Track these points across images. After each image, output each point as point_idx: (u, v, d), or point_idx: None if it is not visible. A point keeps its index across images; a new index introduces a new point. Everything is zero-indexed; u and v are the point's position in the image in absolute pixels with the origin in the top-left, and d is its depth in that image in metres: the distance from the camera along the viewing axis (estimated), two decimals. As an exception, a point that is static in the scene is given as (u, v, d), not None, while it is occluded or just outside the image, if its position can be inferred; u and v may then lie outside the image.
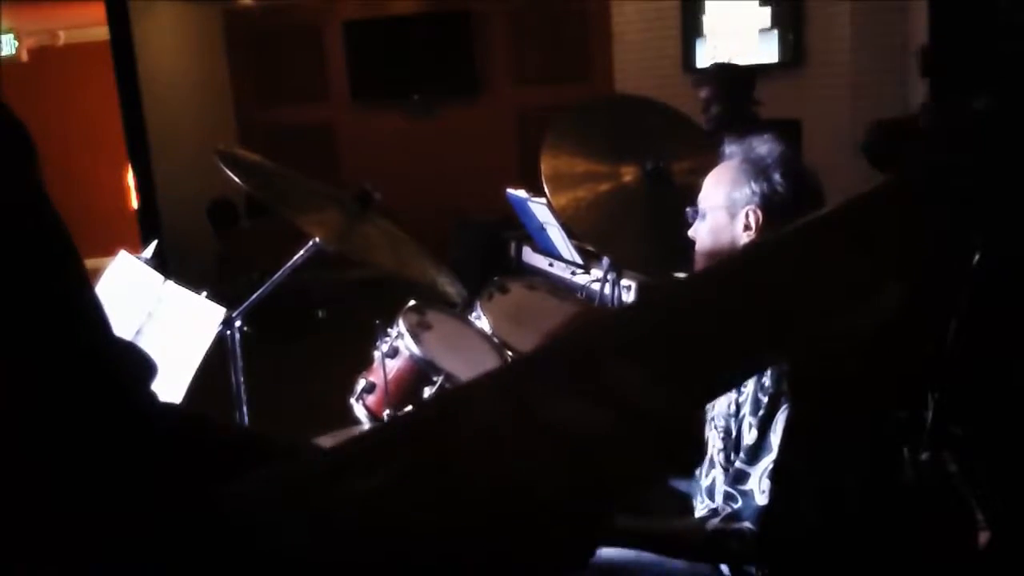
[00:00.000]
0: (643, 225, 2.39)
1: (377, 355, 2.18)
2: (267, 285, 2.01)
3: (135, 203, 6.39)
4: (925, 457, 2.35)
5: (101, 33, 6.44)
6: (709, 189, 1.71)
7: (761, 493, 1.51)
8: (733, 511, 1.55)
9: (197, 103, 6.78)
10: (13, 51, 8.36)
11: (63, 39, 8.62)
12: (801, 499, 1.52)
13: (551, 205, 2.50)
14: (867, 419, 1.67)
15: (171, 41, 6.62)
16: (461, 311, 2.49)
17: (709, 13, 5.77)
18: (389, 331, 2.23)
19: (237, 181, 1.87)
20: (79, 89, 8.44)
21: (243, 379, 2.02)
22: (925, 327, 2.53)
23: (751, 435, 1.54)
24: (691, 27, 5.85)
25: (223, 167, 1.86)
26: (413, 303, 2.36)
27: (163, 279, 2.02)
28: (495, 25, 6.67)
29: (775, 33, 5.56)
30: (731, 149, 1.70)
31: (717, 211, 1.67)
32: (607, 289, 2.75)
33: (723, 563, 1.66)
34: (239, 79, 7.17)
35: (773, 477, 1.50)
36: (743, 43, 5.69)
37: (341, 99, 6.99)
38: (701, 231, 1.71)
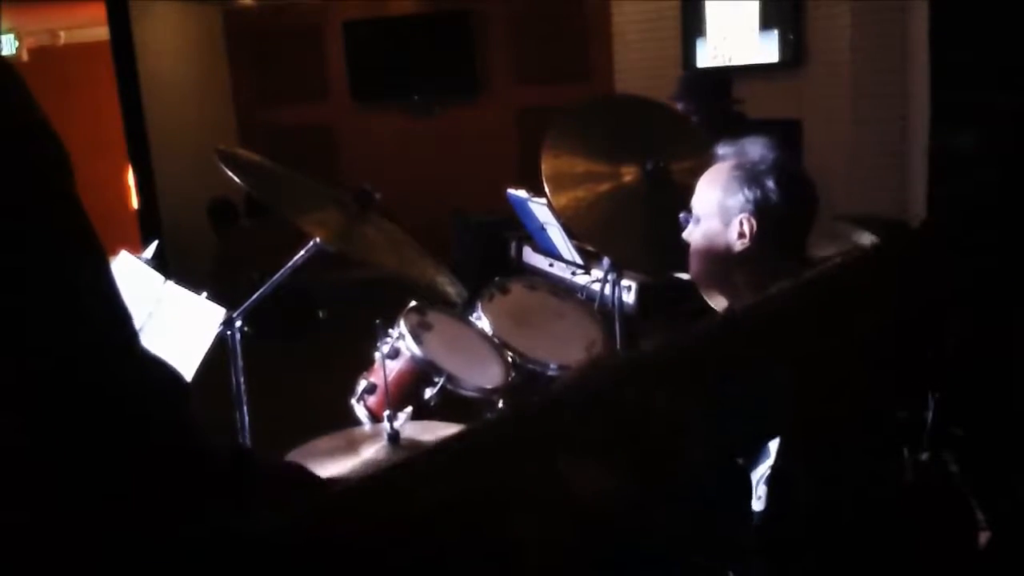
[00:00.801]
0: (643, 225, 2.39)
1: (378, 356, 2.18)
2: (267, 285, 2.01)
3: (135, 203, 6.39)
4: (925, 457, 2.35)
5: (101, 33, 6.44)
6: (702, 193, 1.69)
7: (757, 499, 1.50)
8: None
9: (197, 103, 6.78)
10: (13, 51, 8.36)
11: (63, 39, 8.61)
12: (799, 503, 1.52)
13: (551, 205, 2.49)
14: (867, 420, 1.67)
15: (171, 41, 6.61)
16: (461, 311, 2.49)
17: (709, 13, 5.77)
18: (390, 332, 2.23)
19: (237, 181, 1.87)
20: (79, 89, 8.43)
21: (243, 379, 2.02)
22: (925, 327, 2.53)
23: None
24: (691, 27, 5.85)
25: (223, 167, 1.86)
26: (414, 304, 2.36)
27: (163, 279, 2.02)
28: (495, 25, 6.67)
29: (775, 33, 5.56)
30: (724, 151, 1.69)
31: (710, 218, 1.65)
32: (607, 289, 2.75)
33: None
34: (239, 79, 7.17)
35: (770, 482, 1.49)
36: (743, 43, 5.69)
37: (341, 99, 6.99)
38: (695, 235, 1.70)
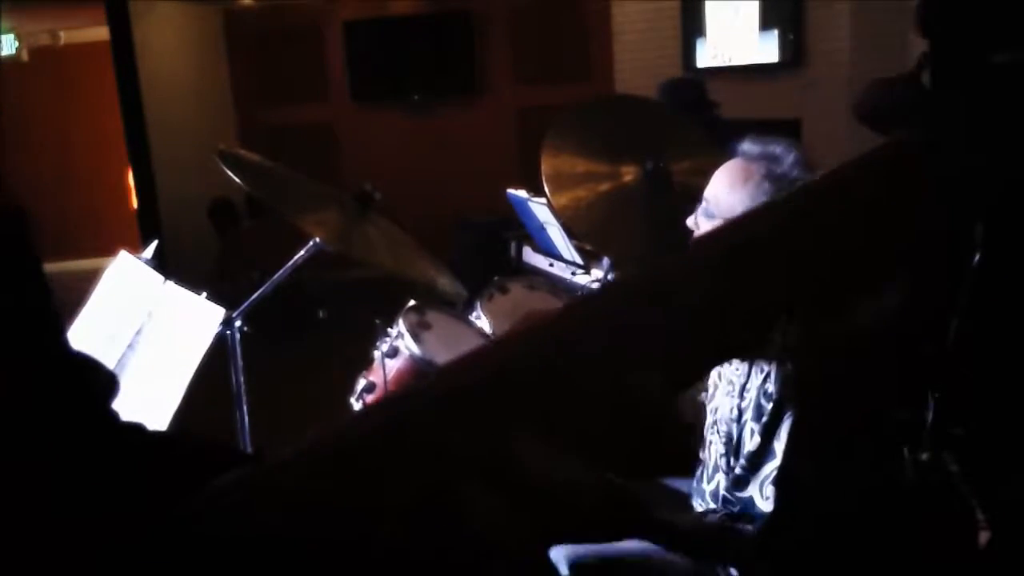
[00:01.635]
0: (643, 225, 2.39)
1: (377, 355, 2.18)
2: (267, 285, 2.00)
3: (135, 203, 6.39)
4: (925, 457, 2.35)
5: (101, 33, 6.45)
6: (723, 190, 1.61)
7: (764, 499, 1.50)
8: (732, 515, 1.55)
9: (197, 103, 6.78)
10: (13, 51, 8.36)
11: (63, 39, 8.62)
12: (806, 504, 1.51)
13: (551, 205, 2.49)
14: (868, 420, 1.66)
15: (171, 41, 6.61)
16: (461, 311, 2.49)
17: (709, 13, 5.77)
18: (389, 331, 2.23)
19: (237, 181, 1.87)
20: (79, 89, 8.44)
21: (243, 379, 2.02)
22: (925, 327, 2.53)
23: (753, 441, 1.52)
24: (691, 27, 5.85)
25: (223, 167, 1.86)
26: (413, 303, 2.36)
27: (163, 279, 2.02)
28: (495, 25, 6.67)
29: (775, 33, 5.56)
30: (748, 149, 1.61)
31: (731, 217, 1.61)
32: (607, 289, 2.74)
33: (723, 562, 1.66)
34: (239, 79, 7.17)
35: (776, 484, 1.49)
36: (743, 43, 5.69)
37: (341, 99, 6.99)
38: (705, 228, 1.66)
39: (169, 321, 1.95)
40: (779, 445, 1.49)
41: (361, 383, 2.23)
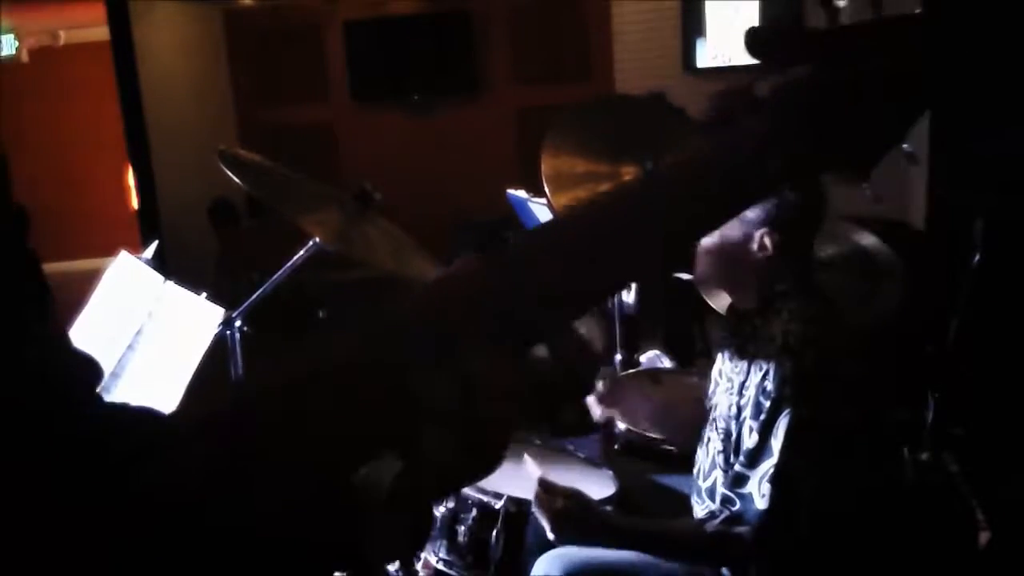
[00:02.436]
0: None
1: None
2: (267, 285, 2.00)
3: (135, 203, 6.39)
4: (925, 457, 2.36)
5: (101, 33, 6.44)
6: None
7: (761, 497, 1.50)
8: (731, 514, 1.55)
9: (197, 103, 6.78)
10: (13, 51, 8.36)
11: (63, 39, 8.62)
12: (802, 502, 1.52)
13: (551, 205, 2.50)
14: (866, 419, 1.67)
15: (171, 41, 6.61)
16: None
17: (709, 13, 5.77)
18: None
19: (237, 181, 1.87)
20: (79, 89, 8.44)
21: (243, 379, 2.01)
22: (925, 327, 2.53)
23: (751, 439, 1.53)
24: (691, 27, 5.85)
25: (223, 167, 1.86)
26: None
27: (163, 279, 2.02)
28: (495, 25, 6.67)
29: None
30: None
31: (730, 226, 1.60)
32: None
33: (722, 566, 1.66)
34: (239, 79, 7.17)
35: (773, 482, 1.49)
36: (743, 42, 5.69)
37: (341, 99, 6.99)
38: (711, 237, 1.64)
39: (169, 321, 1.95)
40: (776, 443, 1.50)
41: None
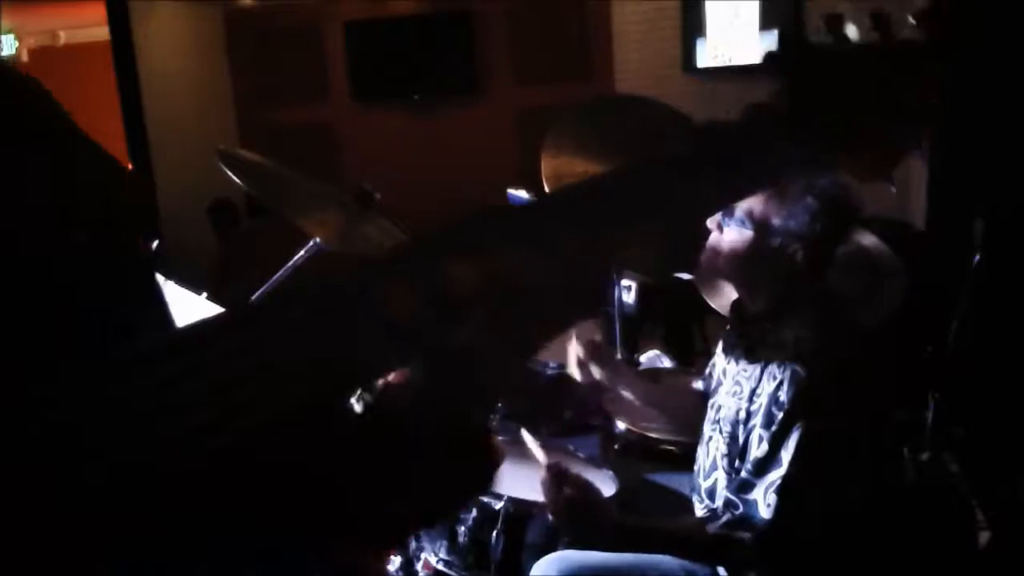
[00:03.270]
0: (643, 225, 2.38)
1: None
2: (267, 285, 2.00)
3: (135, 203, 6.38)
4: (926, 457, 2.36)
5: (101, 33, 6.44)
6: (758, 202, 1.58)
7: (767, 507, 1.49)
8: (735, 518, 1.54)
9: (197, 103, 6.78)
10: (13, 51, 8.36)
11: (63, 39, 8.62)
12: (807, 513, 1.51)
13: (551, 205, 2.49)
14: (872, 425, 1.66)
15: (171, 41, 6.61)
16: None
17: (709, 13, 5.77)
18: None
19: (237, 181, 1.87)
20: (79, 89, 8.43)
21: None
22: (925, 327, 2.54)
23: (761, 448, 1.52)
24: (691, 27, 5.84)
25: (223, 167, 1.86)
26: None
27: (163, 279, 2.02)
28: (495, 25, 6.66)
29: (775, 33, 5.56)
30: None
31: (763, 231, 1.58)
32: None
33: (722, 567, 1.66)
34: (239, 79, 7.17)
35: (780, 493, 1.48)
36: (743, 43, 5.69)
37: (341, 99, 6.99)
38: (733, 236, 1.61)
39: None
40: (786, 455, 1.48)
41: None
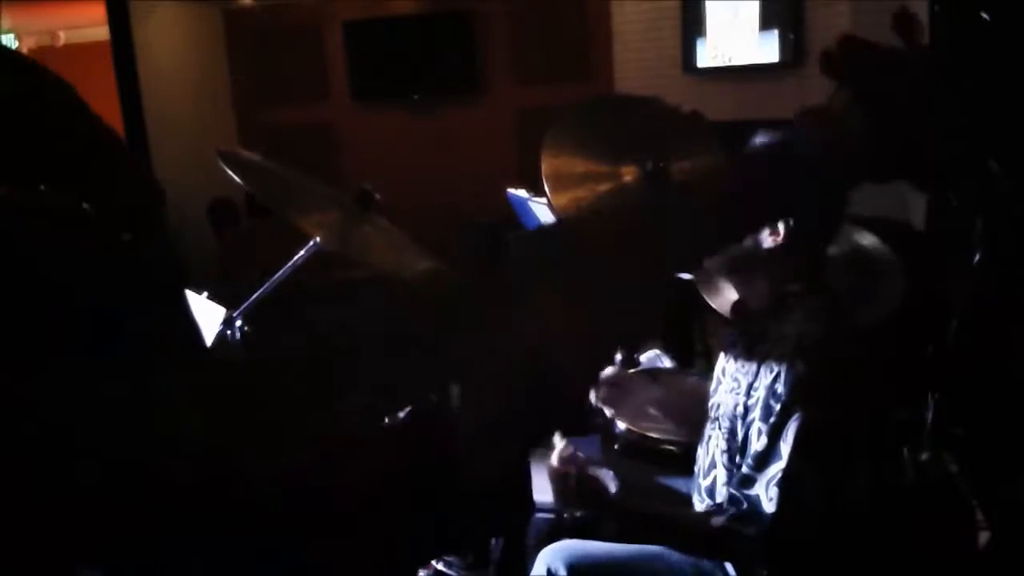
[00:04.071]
0: (643, 225, 2.38)
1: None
2: (267, 285, 2.00)
3: (135, 203, 6.38)
4: (926, 457, 2.35)
5: (101, 33, 6.44)
6: None
7: (769, 500, 1.50)
8: (738, 513, 1.54)
9: (197, 103, 6.78)
10: (13, 51, 8.34)
11: (63, 39, 8.61)
12: (809, 506, 1.51)
13: (551, 205, 2.49)
14: (871, 422, 1.66)
15: (171, 41, 6.61)
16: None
17: (709, 13, 5.77)
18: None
19: (237, 181, 1.87)
20: (79, 89, 8.41)
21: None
22: (925, 327, 2.53)
23: (760, 441, 1.52)
24: (691, 27, 5.84)
25: (223, 167, 1.86)
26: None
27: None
28: (495, 25, 6.67)
29: (775, 33, 5.56)
30: (762, 141, 1.64)
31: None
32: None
33: (725, 561, 1.66)
34: (239, 79, 7.17)
35: (782, 485, 1.49)
36: (743, 43, 5.69)
37: (341, 99, 6.99)
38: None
39: (169, 321, 1.95)
40: (785, 447, 1.49)
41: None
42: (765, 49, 5.60)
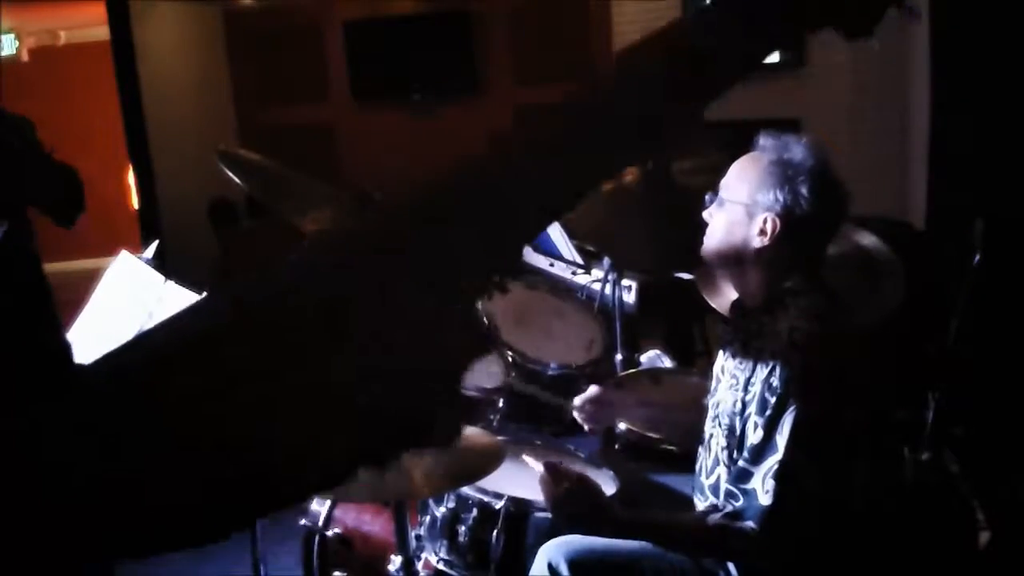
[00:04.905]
0: (643, 225, 2.39)
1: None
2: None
3: (135, 203, 6.39)
4: (926, 457, 2.35)
5: (101, 33, 6.44)
6: (733, 179, 1.66)
7: (765, 493, 1.50)
8: (735, 509, 1.55)
9: (197, 103, 6.77)
10: (13, 51, 8.36)
11: (63, 39, 8.62)
12: (806, 500, 1.52)
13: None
14: (869, 418, 1.67)
15: (171, 41, 6.61)
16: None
17: (709, 13, 5.77)
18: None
19: (237, 181, 1.87)
20: (79, 89, 8.43)
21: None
22: (925, 327, 2.54)
23: (756, 435, 1.53)
24: (691, 27, 5.84)
25: (223, 167, 1.86)
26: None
27: (163, 279, 2.02)
28: (495, 25, 6.67)
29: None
30: (764, 143, 1.65)
31: (736, 206, 1.63)
32: (607, 289, 2.75)
33: (724, 559, 1.66)
34: (239, 79, 7.17)
35: (778, 478, 1.49)
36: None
37: (341, 99, 6.99)
38: (716, 219, 1.68)
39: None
40: (781, 439, 1.50)
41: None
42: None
